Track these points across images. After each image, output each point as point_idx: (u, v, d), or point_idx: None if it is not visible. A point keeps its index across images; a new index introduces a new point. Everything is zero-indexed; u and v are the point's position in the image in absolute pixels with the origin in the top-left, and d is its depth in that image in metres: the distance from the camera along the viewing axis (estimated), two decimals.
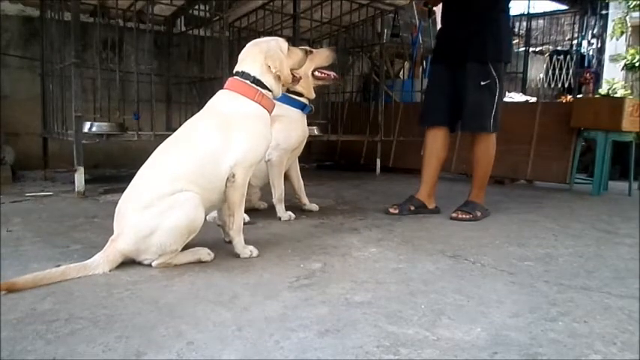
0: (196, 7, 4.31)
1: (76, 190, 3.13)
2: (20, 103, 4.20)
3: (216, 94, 1.93)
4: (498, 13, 2.75)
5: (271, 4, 4.50)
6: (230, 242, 1.89)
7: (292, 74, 2.02)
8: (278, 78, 1.94)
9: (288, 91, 2.40)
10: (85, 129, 3.29)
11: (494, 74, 2.69)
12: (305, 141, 2.78)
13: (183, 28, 4.78)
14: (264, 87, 1.91)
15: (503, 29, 2.77)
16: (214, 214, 2.13)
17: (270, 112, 1.94)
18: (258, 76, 1.90)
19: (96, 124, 3.42)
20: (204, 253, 1.78)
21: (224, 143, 1.78)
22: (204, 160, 1.76)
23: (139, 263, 1.69)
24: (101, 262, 1.62)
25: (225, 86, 1.92)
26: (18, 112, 4.15)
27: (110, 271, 1.61)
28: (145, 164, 1.79)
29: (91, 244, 1.94)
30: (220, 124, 1.81)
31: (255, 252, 1.88)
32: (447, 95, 2.82)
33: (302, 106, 2.68)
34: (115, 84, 3.81)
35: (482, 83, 2.69)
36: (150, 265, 1.67)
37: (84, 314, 1.27)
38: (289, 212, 2.64)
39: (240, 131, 1.81)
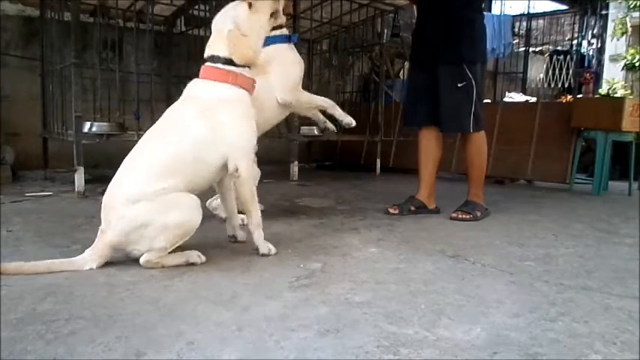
0: (196, 7, 4.31)
1: (76, 190, 3.13)
2: (20, 103, 4.19)
3: (189, 83, 1.84)
4: (473, 13, 2.73)
5: None
6: (234, 238, 1.89)
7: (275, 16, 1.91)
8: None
9: None
10: (85, 129, 3.29)
11: (470, 75, 2.68)
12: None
13: (183, 28, 4.78)
14: (238, 65, 1.80)
15: (477, 29, 2.74)
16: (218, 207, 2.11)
17: (251, 91, 1.84)
18: (228, 56, 1.79)
19: (96, 124, 3.43)
20: (195, 256, 1.73)
21: (211, 131, 1.72)
22: (194, 147, 1.71)
23: (139, 264, 1.68)
24: (89, 258, 1.62)
25: (199, 75, 1.83)
26: (18, 112, 4.15)
27: (97, 267, 1.62)
28: (132, 153, 1.75)
29: (91, 244, 1.93)
30: (202, 111, 1.74)
31: (274, 250, 1.87)
32: (428, 95, 2.78)
33: (287, 39, 2.44)
34: (115, 84, 3.81)
35: (458, 85, 2.68)
36: (146, 268, 1.67)
37: (84, 314, 1.27)
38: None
39: (225, 117, 1.74)
